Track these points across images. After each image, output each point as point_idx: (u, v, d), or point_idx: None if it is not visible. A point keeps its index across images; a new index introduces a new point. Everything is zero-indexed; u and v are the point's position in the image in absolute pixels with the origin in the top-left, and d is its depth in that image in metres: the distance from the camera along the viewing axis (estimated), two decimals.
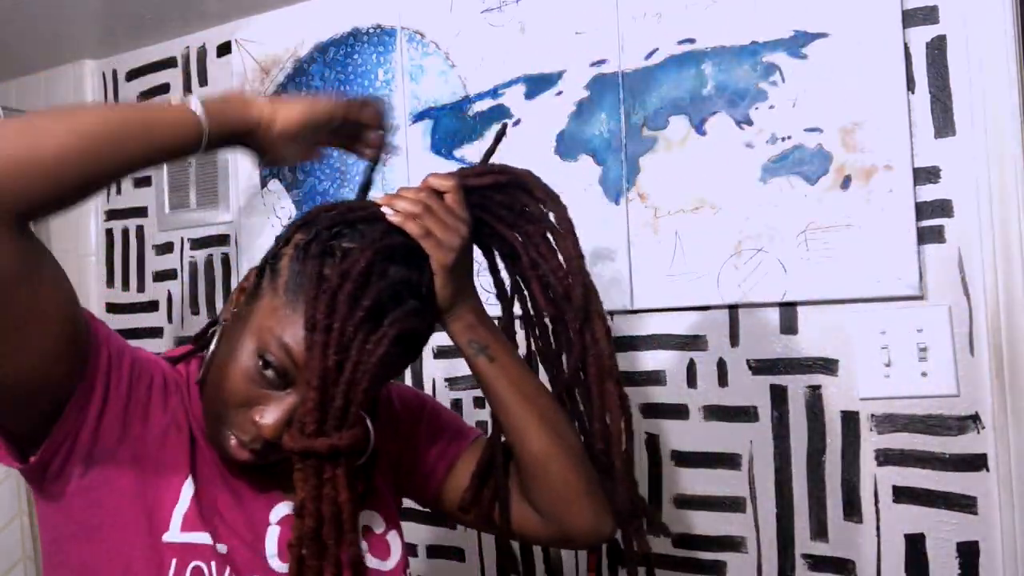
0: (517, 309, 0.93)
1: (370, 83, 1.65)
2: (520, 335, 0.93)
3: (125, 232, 1.98)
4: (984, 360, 1.17)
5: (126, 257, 1.98)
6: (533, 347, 0.94)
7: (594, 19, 1.43)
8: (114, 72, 2.00)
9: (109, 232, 2.01)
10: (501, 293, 0.94)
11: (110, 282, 1.99)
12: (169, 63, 1.92)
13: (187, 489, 0.77)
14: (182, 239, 1.90)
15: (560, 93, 1.45)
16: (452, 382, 1.55)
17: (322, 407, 0.71)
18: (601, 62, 1.42)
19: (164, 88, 1.92)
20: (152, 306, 1.93)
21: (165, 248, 1.93)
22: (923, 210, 1.21)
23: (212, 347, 0.80)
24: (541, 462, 0.84)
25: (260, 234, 1.76)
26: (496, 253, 0.92)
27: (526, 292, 0.90)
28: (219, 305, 1.83)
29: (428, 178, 0.84)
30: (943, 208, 1.20)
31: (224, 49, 1.84)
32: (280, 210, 1.74)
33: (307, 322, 0.71)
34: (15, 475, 1.80)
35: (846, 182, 1.24)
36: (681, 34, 1.36)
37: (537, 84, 1.48)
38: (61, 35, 1.87)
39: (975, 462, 1.17)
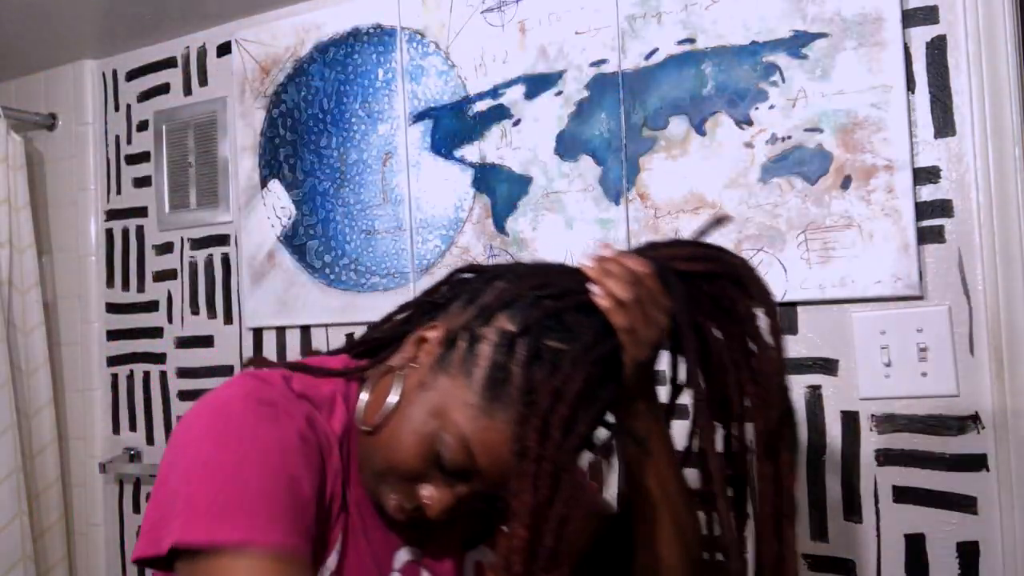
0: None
1: (370, 83, 1.65)
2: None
3: (125, 232, 1.98)
4: (984, 360, 1.17)
5: (126, 257, 1.98)
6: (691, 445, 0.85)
7: (594, 19, 1.43)
8: (114, 72, 2.00)
9: (109, 232, 2.01)
10: (674, 382, 0.85)
11: (110, 282, 1.99)
12: (169, 63, 1.92)
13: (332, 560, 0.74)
14: (182, 239, 1.90)
15: (560, 93, 1.45)
16: None
17: (532, 547, 0.64)
18: (601, 62, 1.42)
19: (164, 88, 1.93)
20: (152, 306, 1.93)
21: (165, 248, 1.92)
22: (923, 210, 1.21)
23: (391, 398, 0.73)
24: (662, 568, 0.80)
25: (260, 234, 1.76)
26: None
27: (706, 391, 0.79)
28: (219, 305, 1.84)
29: (623, 258, 0.74)
30: (943, 208, 1.20)
31: (224, 49, 1.84)
32: (280, 210, 1.74)
33: (516, 446, 0.65)
34: (15, 475, 1.80)
35: (846, 182, 1.24)
36: (681, 34, 1.36)
37: (537, 84, 1.48)
38: (61, 35, 1.87)
39: (975, 462, 1.17)
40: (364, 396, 0.76)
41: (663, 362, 0.82)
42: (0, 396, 1.81)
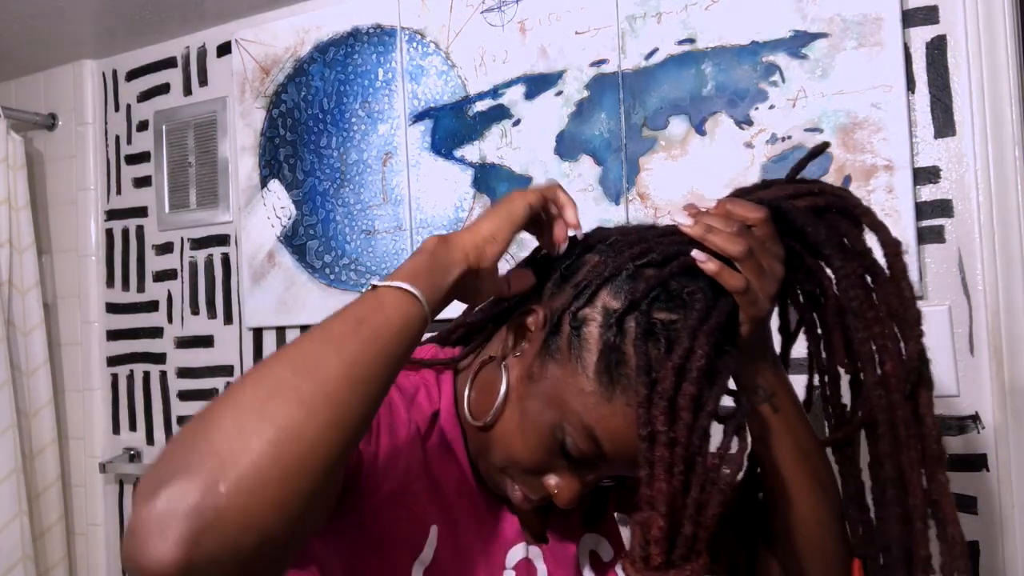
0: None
1: (370, 83, 1.65)
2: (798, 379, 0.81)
3: (125, 232, 1.98)
4: (984, 360, 1.17)
5: (126, 257, 1.98)
6: (813, 397, 0.81)
7: (594, 19, 1.43)
8: (114, 72, 2.00)
9: (109, 232, 2.01)
10: (786, 330, 0.81)
11: (110, 282, 1.99)
12: (169, 63, 1.92)
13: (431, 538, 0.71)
14: (182, 239, 1.90)
15: (560, 93, 1.45)
16: None
17: (670, 535, 0.60)
18: (601, 62, 1.42)
19: (164, 88, 1.93)
20: (152, 306, 1.93)
21: (165, 248, 1.92)
22: (923, 210, 1.21)
23: (502, 389, 0.69)
24: (808, 526, 0.75)
25: (260, 234, 1.76)
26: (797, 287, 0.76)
27: (823, 339, 0.75)
28: (219, 305, 1.84)
29: (728, 205, 0.69)
30: (943, 208, 1.20)
31: (224, 49, 1.84)
32: (280, 210, 1.74)
33: (644, 431, 0.60)
34: (15, 475, 1.80)
35: (846, 182, 1.24)
36: (681, 34, 1.36)
37: (537, 84, 1.48)
38: (61, 35, 1.87)
39: (975, 462, 1.17)
40: (467, 390, 0.73)
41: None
42: (0, 396, 1.81)
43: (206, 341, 1.85)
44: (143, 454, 1.94)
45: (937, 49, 1.21)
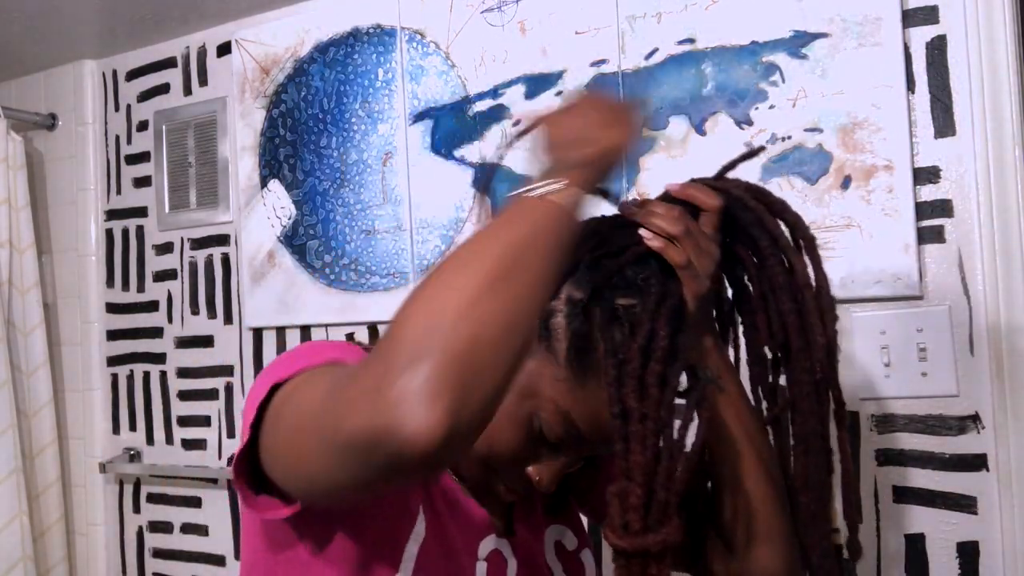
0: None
1: (370, 83, 1.65)
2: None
3: (125, 232, 1.98)
4: (984, 360, 1.17)
5: (126, 257, 1.98)
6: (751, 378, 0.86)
7: (594, 19, 1.43)
8: (114, 72, 2.00)
9: (109, 232, 2.01)
10: (720, 317, 0.85)
11: (110, 282, 1.99)
12: (169, 63, 1.92)
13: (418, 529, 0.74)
14: (182, 239, 1.90)
15: (560, 93, 1.45)
16: None
17: (647, 503, 0.66)
18: (601, 62, 1.42)
19: (164, 88, 1.93)
20: (152, 306, 1.93)
21: (165, 248, 1.92)
22: (923, 210, 1.21)
23: None
24: (752, 502, 0.79)
25: (260, 234, 1.76)
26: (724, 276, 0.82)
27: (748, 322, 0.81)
28: (219, 305, 1.84)
29: (690, 190, 0.75)
30: (943, 208, 1.20)
31: (224, 49, 1.83)
32: (280, 210, 1.74)
33: (616, 408, 0.66)
34: (15, 475, 1.80)
35: (846, 182, 1.24)
36: (681, 34, 1.36)
37: (537, 84, 1.48)
38: (61, 35, 1.87)
39: (975, 462, 1.17)
40: None
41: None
42: (0, 396, 1.81)
43: (206, 341, 1.85)
44: (143, 454, 1.94)
45: (937, 49, 1.21)
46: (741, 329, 0.83)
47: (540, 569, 0.83)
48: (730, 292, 0.83)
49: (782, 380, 0.80)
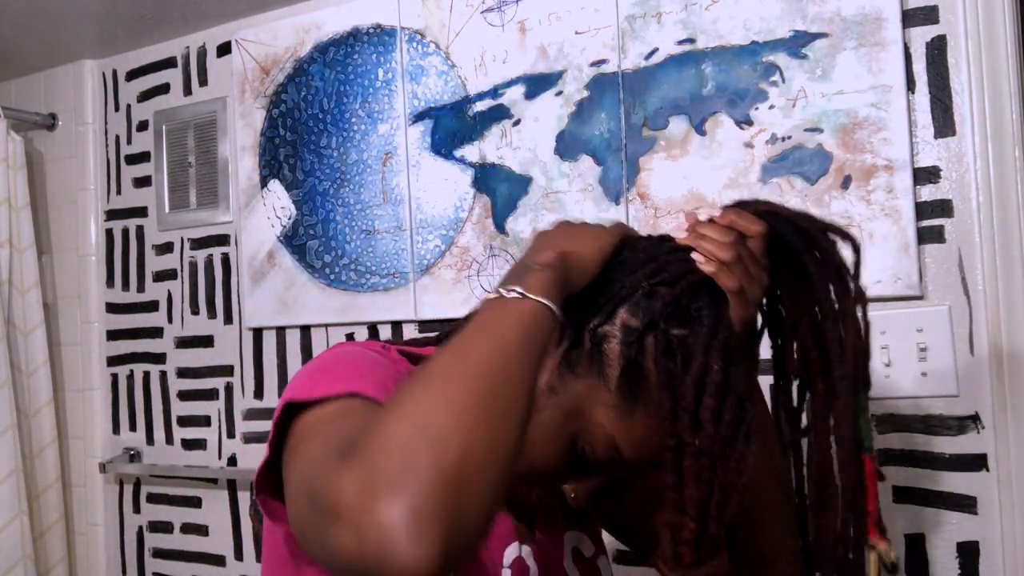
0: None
1: (370, 83, 1.65)
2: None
3: (125, 232, 1.98)
4: (984, 360, 1.17)
5: (126, 257, 1.98)
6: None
7: (594, 19, 1.43)
8: (114, 72, 2.00)
9: (109, 232, 2.01)
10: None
11: (110, 282, 1.99)
12: (169, 63, 1.92)
13: None
14: (182, 239, 1.90)
15: (560, 93, 1.45)
16: None
17: (699, 536, 0.66)
18: (601, 62, 1.42)
19: (164, 88, 1.93)
20: (152, 306, 1.93)
21: (165, 248, 1.93)
22: (923, 210, 1.21)
23: None
24: (766, 519, 0.80)
25: (260, 234, 1.76)
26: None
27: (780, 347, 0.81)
28: (219, 305, 1.84)
29: (731, 215, 0.73)
30: (943, 208, 1.20)
31: (224, 49, 1.84)
32: (280, 210, 1.74)
33: (670, 443, 0.66)
34: (15, 475, 1.80)
35: (846, 182, 1.24)
36: (681, 34, 1.36)
37: (537, 84, 1.48)
38: (61, 35, 1.87)
39: (975, 462, 1.17)
40: None
41: None
42: (0, 396, 1.81)
43: (206, 341, 1.85)
44: (143, 454, 1.94)
45: (937, 49, 1.21)
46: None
47: (559, 575, 0.83)
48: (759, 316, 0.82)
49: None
